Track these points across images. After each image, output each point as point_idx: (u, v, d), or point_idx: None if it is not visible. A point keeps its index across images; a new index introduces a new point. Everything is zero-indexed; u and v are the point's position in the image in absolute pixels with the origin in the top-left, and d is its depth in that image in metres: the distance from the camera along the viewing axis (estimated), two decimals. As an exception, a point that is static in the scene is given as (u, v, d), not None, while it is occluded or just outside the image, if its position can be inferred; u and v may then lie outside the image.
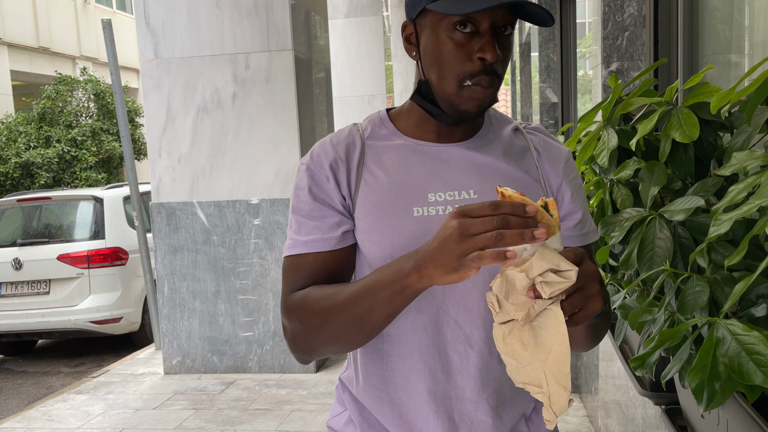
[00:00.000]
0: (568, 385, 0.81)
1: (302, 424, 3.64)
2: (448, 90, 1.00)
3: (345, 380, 1.16)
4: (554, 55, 4.93)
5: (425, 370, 1.05)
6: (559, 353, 0.80)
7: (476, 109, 1.00)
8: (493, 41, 0.96)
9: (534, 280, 0.78)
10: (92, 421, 3.91)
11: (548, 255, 0.77)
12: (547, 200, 0.80)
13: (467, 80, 0.98)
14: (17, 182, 11.42)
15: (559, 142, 1.15)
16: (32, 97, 13.46)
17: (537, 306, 0.79)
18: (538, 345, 0.81)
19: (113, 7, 18.37)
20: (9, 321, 5.65)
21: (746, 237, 0.85)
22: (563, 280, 0.77)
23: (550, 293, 0.77)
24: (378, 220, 1.03)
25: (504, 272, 0.80)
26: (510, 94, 14.02)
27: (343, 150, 1.07)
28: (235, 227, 4.42)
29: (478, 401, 1.05)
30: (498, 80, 1.00)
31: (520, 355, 0.82)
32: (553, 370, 0.81)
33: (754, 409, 1.01)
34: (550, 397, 0.82)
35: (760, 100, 1.03)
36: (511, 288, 0.79)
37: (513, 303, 0.80)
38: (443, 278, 0.83)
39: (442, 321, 1.04)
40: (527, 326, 0.81)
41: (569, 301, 0.79)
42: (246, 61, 4.34)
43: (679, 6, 2.13)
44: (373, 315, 0.93)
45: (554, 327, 0.79)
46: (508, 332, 0.82)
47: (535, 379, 0.83)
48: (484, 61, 0.96)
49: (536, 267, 0.77)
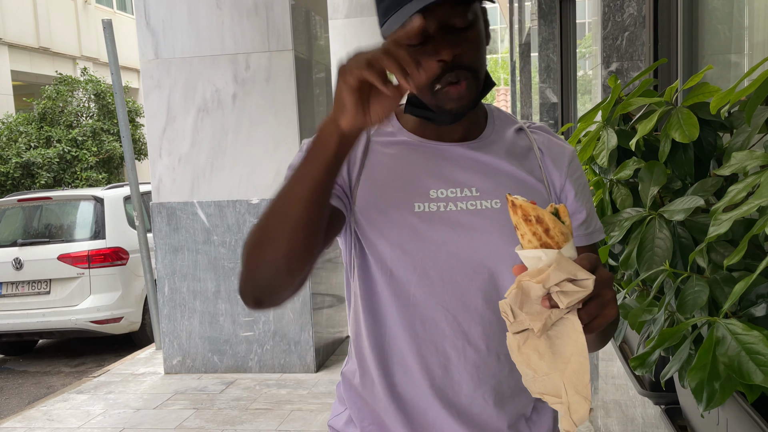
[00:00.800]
0: (588, 395, 0.79)
1: (302, 424, 3.64)
2: (426, 99, 1.02)
3: (347, 373, 1.17)
4: (554, 55, 4.93)
5: (423, 365, 1.06)
6: (578, 363, 0.78)
7: (459, 106, 1.01)
8: (444, 40, 0.96)
9: (549, 290, 0.77)
10: (92, 420, 3.91)
11: (565, 265, 0.76)
12: (557, 207, 0.79)
13: (436, 84, 0.99)
14: (18, 182, 11.43)
15: (564, 141, 1.15)
16: (33, 97, 13.47)
17: (554, 315, 0.78)
18: (555, 355, 0.80)
19: (114, 7, 18.37)
20: (9, 321, 5.65)
21: (746, 237, 0.85)
22: (580, 290, 0.76)
23: (567, 303, 0.76)
24: (379, 214, 1.04)
25: (520, 283, 0.78)
26: (510, 94, 14.02)
27: None
28: (235, 227, 4.42)
29: (474, 397, 1.06)
30: (469, 72, 0.99)
31: (537, 365, 0.81)
32: (572, 379, 0.79)
33: (753, 409, 1.01)
34: (570, 407, 0.80)
35: (759, 100, 1.03)
36: (525, 298, 0.78)
37: (528, 313, 0.78)
38: (342, 115, 0.83)
39: (440, 316, 1.04)
40: (543, 336, 0.79)
41: (586, 309, 0.78)
42: (246, 62, 4.34)
43: (679, 6, 2.13)
44: (294, 188, 0.88)
45: (572, 336, 0.78)
46: (522, 342, 0.81)
47: (553, 389, 0.81)
48: (443, 61, 0.96)
49: (553, 277, 0.76)
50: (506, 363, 1.06)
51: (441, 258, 1.03)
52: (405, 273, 1.04)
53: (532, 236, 0.78)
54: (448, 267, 1.03)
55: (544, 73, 5.04)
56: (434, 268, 1.03)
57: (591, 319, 0.79)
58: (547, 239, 0.78)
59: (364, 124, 0.84)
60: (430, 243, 1.03)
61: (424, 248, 1.03)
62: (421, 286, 1.04)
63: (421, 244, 1.03)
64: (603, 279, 0.79)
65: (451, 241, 1.03)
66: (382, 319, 1.07)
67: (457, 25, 0.97)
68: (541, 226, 0.78)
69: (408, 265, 1.03)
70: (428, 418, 1.07)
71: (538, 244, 0.78)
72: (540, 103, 5.02)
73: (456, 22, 0.97)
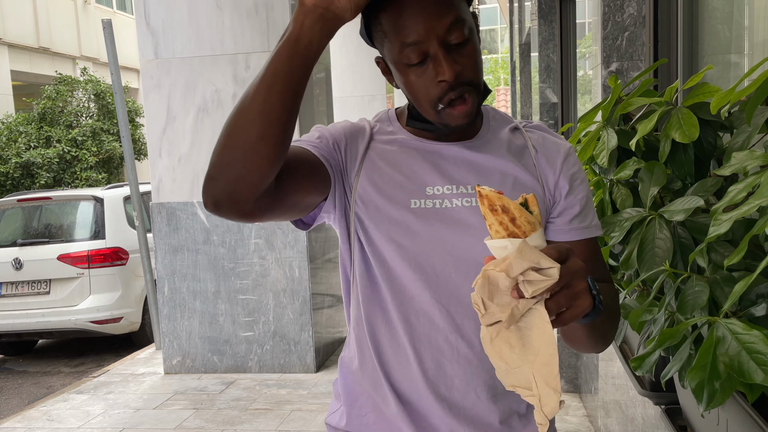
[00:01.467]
0: (557, 387, 0.79)
1: (302, 424, 3.64)
2: (430, 116, 1.03)
3: (345, 359, 1.19)
4: (554, 55, 4.93)
5: (417, 357, 1.07)
6: (547, 354, 0.78)
7: (464, 122, 1.02)
8: (445, 60, 0.96)
9: (517, 280, 0.76)
10: (92, 420, 3.91)
11: (528, 253, 0.75)
12: (527, 197, 0.80)
13: (439, 104, 1.00)
14: (17, 182, 11.43)
15: (561, 138, 1.16)
16: (32, 97, 13.47)
17: (521, 306, 0.77)
18: (525, 346, 0.79)
19: (113, 7, 18.37)
20: (9, 321, 5.65)
21: (746, 237, 0.85)
22: (545, 278, 0.75)
23: (532, 292, 0.75)
24: (377, 210, 1.06)
25: (485, 272, 0.78)
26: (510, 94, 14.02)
27: (354, 136, 1.11)
28: (235, 227, 4.42)
29: (467, 391, 1.07)
30: (472, 87, 1.00)
31: (508, 357, 0.81)
32: (541, 371, 0.79)
33: (754, 409, 1.01)
34: (541, 399, 0.80)
35: (759, 100, 1.03)
36: (494, 289, 0.78)
37: (498, 304, 0.78)
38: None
39: (434, 310, 1.06)
40: (513, 327, 0.79)
41: (554, 299, 0.78)
42: (246, 62, 4.34)
43: (679, 6, 2.13)
44: (264, 78, 0.90)
45: (540, 327, 0.77)
46: (495, 334, 0.80)
47: (525, 381, 0.81)
48: (445, 81, 0.97)
49: (516, 266, 0.75)
50: None
51: (436, 253, 1.05)
52: (401, 267, 1.06)
53: (498, 226, 0.78)
54: (442, 262, 1.05)
55: (544, 73, 5.03)
56: (429, 263, 1.05)
57: (560, 310, 0.78)
58: (514, 228, 0.77)
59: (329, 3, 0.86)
60: (425, 239, 1.05)
61: (420, 244, 1.05)
62: (416, 281, 1.05)
63: (417, 239, 1.05)
64: (573, 269, 0.78)
65: (446, 237, 1.05)
66: (380, 310, 1.09)
67: (456, 41, 0.97)
68: (507, 215, 0.77)
69: (403, 259, 1.05)
70: (422, 410, 1.08)
71: (505, 234, 0.78)
72: (540, 103, 5.01)
73: (454, 39, 0.97)
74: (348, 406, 1.15)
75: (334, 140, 1.08)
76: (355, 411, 1.14)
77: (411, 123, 1.10)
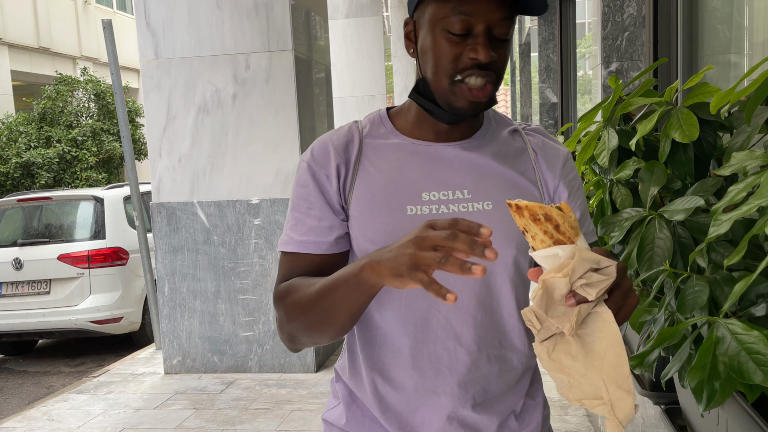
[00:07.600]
0: (631, 388, 0.76)
1: (302, 424, 3.64)
2: (442, 86, 1.01)
3: (339, 369, 1.18)
4: (554, 55, 4.93)
5: (414, 365, 1.06)
6: (615, 355, 0.75)
7: (470, 108, 1.01)
8: (486, 43, 0.96)
9: (573, 286, 0.74)
10: (92, 420, 3.91)
11: (587, 254, 0.74)
12: (560, 205, 0.78)
13: (458, 75, 0.98)
14: (18, 182, 11.43)
15: (559, 143, 1.16)
16: (33, 97, 13.47)
17: (583, 311, 0.75)
18: (588, 353, 0.76)
19: (113, 7, 18.37)
20: (9, 321, 5.65)
21: (746, 237, 0.85)
22: (605, 277, 0.74)
23: (596, 294, 0.73)
24: (372, 218, 1.05)
25: (544, 282, 0.75)
26: (510, 95, 14.02)
27: (342, 148, 1.08)
28: (235, 227, 4.42)
29: (465, 398, 1.06)
30: (495, 75, 1.00)
31: (571, 368, 0.78)
32: (611, 374, 0.76)
33: (753, 409, 1.01)
34: (613, 405, 0.77)
35: (759, 100, 1.03)
36: (550, 300, 0.75)
37: (553, 316, 0.76)
38: (390, 280, 0.83)
39: (432, 317, 1.05)
40: (573, 336, 0.76)
41: (612, 299, 0.77)
42: (246, 62, 4.34)
43: (679, 6, 2.13)
44: (336, 309, 0.94)
45: (603, 329, 0.75)
46: (552, 348, 0.78)
47: (592, 391, 0.78)
48: (476, 60, 0.97)
49: (579, 268, 0.73)
50: (496, 363, 1.07)
51: None
52: None
53: (543, 235, 0.76)
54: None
55: (544, 73, 5.04)
56: None
57: (618, 309, 0.78)
58: (559, 236, 0.76)
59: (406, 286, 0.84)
60: None
61: None
62: (414, 289, 1.04)
63: None
64: (621, 267, 0.78)
65: None
66: (375, 319, 1.08)
67: (499, 36, 0.98)
68: (550, 223, 0.76)
69: None
70: (416, 418, 1.07)
71: (551, 243, 0.76)
72: (540, 103, 5.01)
73: (498, 33, 0.98)
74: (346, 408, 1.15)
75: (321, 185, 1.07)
76: (351, 413, 1.14)
77: (414, 96, 1.08)
